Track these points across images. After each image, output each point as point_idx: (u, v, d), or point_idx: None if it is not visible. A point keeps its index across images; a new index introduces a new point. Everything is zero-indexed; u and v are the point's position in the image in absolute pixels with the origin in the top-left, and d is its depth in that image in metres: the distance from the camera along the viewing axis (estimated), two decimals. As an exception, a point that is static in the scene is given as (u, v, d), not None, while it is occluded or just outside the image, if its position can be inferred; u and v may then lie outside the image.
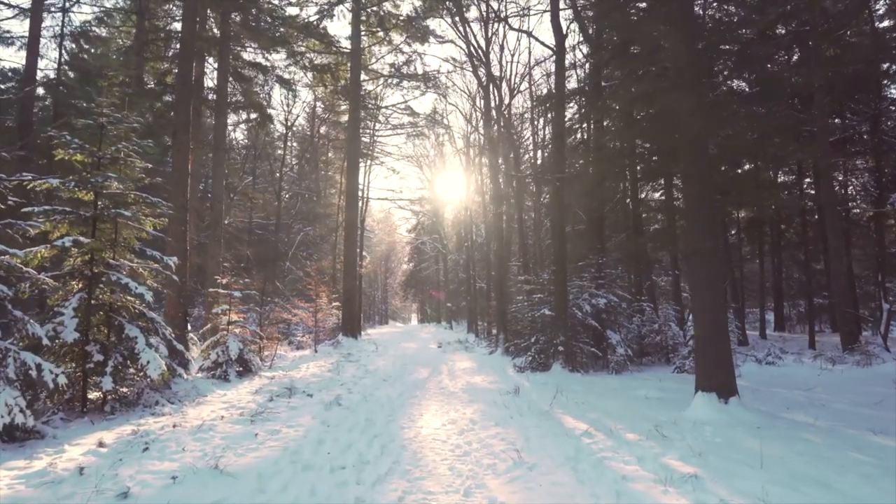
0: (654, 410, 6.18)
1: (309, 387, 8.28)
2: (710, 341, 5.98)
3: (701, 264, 6.08)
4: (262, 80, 22.06)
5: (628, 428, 5.10)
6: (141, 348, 6.42)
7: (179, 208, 9.04)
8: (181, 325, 8.80)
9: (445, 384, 8.87)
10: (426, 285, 43.26)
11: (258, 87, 22.10)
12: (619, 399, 7.22)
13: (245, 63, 20.94)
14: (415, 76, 21.61)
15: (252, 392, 7.91)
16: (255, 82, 21.66)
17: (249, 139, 30.38)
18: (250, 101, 21.36)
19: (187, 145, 9.20)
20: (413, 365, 12.21)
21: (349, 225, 18.51)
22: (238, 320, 10.15)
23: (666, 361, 12.62)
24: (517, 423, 5.23)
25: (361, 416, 5.74)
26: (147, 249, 7.05)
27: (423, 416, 5.86)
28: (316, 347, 15.78)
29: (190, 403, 6.93)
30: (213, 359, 9.29)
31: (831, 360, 11.43)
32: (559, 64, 10.57)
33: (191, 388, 7.87)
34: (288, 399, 7.10)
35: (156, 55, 17.27)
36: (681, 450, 4.29)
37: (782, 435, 4.90)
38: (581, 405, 6.54)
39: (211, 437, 4.82)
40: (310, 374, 10.22)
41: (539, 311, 11.42)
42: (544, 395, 7.30)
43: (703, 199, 6.15)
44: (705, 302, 6.05)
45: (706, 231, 6.10)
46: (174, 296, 8.77)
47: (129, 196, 6.99)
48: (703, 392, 5.89)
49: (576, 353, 10.97)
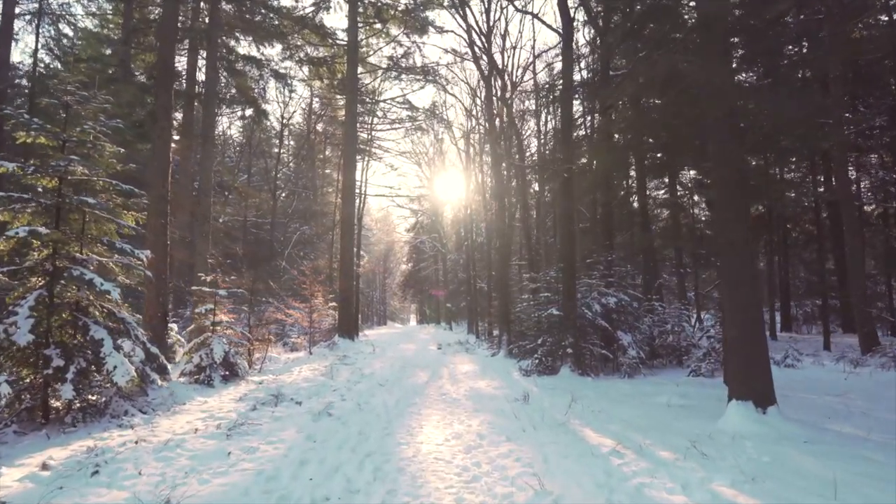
0: (682, 421, 5.52)
1: (298, 393, 7.61)
2: (744, 343, 5.33)
3: (733, 258, 5.44)
4: (257, 75, 21.39)
5: (659, 443, 4.44)
6: (107, 352, 5.75)
7: (159, 199, 8.37)
8: (160, 325, 8.13)
9: (447, 389, 8.20)
10: (425, 285, 42.56)
11: (252, 82, 21.43)
12: (638, 407, 6.56)
13: (239, 57, 20.27)
14: (414, 69, 20.96)
15: (236, 399, 7.24)
16: (249, 77, 21.02)
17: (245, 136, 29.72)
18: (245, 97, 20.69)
19: (169, 132, 8.53)
20: (412, 368, 11.54)
21: (346, 221, 17.84)
22: (224, 321, 9.47)
23: (678, 364, 11.98)
24: (532, 438, 4.56)
25: (353, 429, 5.07)
26: (117, 242, 6.36)
27: (424, 428, 5.19)
28: (311, 349, 15.11)
29: (164, 413, 6.26)
30: (196, 362, 8.61)
31: (853, 362, 10.82)
32: (566, 49, 9.92)
33: (168, 394, 7.19)
34: (273, 408, 6.42)
35: (145, 47, 16.56)
36: (729, 473, 3.63)
37: (837, 452, 4.25)
38: (598, 414, 5.88)
39: (177, 455, 4.14)
40: (301, 378, 9.55)
41: (546, 310, 10.76)
42: (557, 402, 6.64)
43: (735, 185, 5.50)
44: (739, 299, 5.40)
45: (738, 221, 5.46)
46: (153, 294, 8.10)
47: (96, 183, 6.31)
48: (738, 401, 5.24)
49: (585, 355, 10.32)
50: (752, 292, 5.40)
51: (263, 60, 21.00)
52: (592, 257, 12.24)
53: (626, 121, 9.58)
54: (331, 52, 21.54)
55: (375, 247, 47.07)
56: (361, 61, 20.80)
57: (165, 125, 8.47)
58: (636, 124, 9.33)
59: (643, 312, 12.04)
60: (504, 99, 14.15)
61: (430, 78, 20.51)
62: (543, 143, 18.41)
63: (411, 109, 22.12)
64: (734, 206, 5.45)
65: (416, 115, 22.09)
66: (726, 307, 5.52)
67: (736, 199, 5.47)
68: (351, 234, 18.23)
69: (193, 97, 16.12)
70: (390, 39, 20.71)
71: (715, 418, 5.54)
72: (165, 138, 8.47)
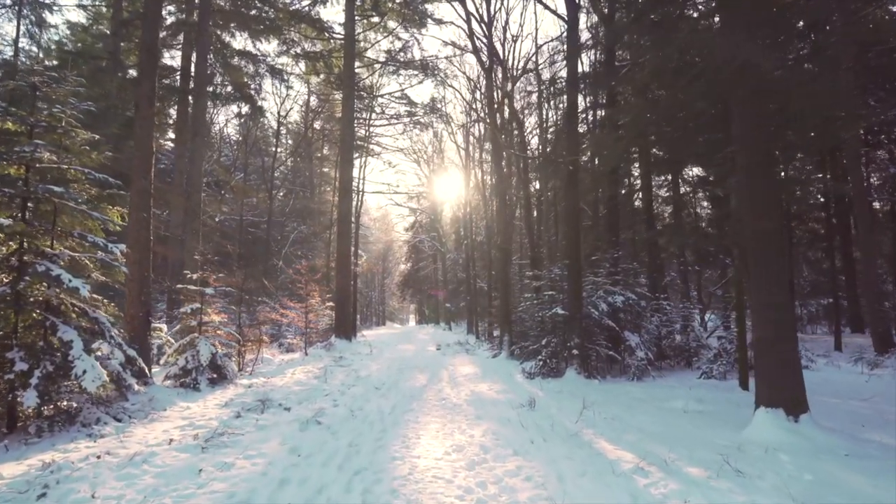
0: (704, 430, 5.05)
1: (288, 398, 7.13)
2: (774, 345, 4.85)
3: (760, 250, 4.96)
4: (253, 71, 20.93)
5: (686, 457, 3.96)
6: (76, 354, 5.27)
7: (142, 192, 7.88)
8: (142, 326, 7.63)
9: (447, 394, 7.72)
10: (424, 285, 42.05)
11: (248, 78, 20.96)
12: (653, 413, 6.09)
13: (234, 52, 19.82)
14: (412, 63, 20.47)
15: (221, 405, 6.76)
16: (245, 73, 20.56)
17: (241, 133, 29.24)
18: (240, 93, 20.23)
19: (151, 121, 8.05)
20: (410, 370, 11.05)
21: (342, 218, 17.35)
22: (213, 321, 8.99)
23: (686, 365, 11.52)
24: (542, 452, 4.08)
25: (344, 440, 4.58)
26: (89, 236, 5.88)
27: (421, 439, 4.70)
28: (306, 350, 14.63)
29: (141, 420, 5.78)
30: (182, 365, 8.13)
31: (869, 364, 10.36)
32: (571, 34, 9.44)
33: (149, 400, 6.72)
34: (259, 415, 5.94)
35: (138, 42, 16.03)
36: (772, 495, 3.16)
37: (886, 468, 3.78)
38: (612, 422, 5.40)
39: (141, 473, 3.66)
40: (293, 381, 9.07)
41: (549, 310, 10.28)
42: (565, 408, 6.16)
43: (762, 170, 5.03)
44: (767, 296, 4.92)
45: (766, 208, 4.98)
46: (134, 293, 7.61)
47: (67, 171, 5.83)
48: (767, 408, 4.76)
49: (591, 357, 9.84)
50: (782, 288, 4.93)
51: (259, 56, 20.56)
52: (597, 254, 11.77)
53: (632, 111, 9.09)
54: (327, 47, 21.09)
55: (374, 246, 46.57)
56: (359, 56, 20.32)
57: (148, 114, 7.99)
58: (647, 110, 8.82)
59: (651, 312, 11.57)
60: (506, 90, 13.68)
61: (429, 72, 20.02)
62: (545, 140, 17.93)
63: (410, 105, 21.63)
64: (762, 193, 4.98)
65: (414, 111, 21.59)
66: (753, 305, 5.05)
67: (764, 185, 5.00)
68: (348, 231, 17.74)
69: (188, 93, 15.65)
70: (388, 33, 20.24)
71: (739, 426, 5.07)
72: (148, 128, 7.99)
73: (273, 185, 28.03)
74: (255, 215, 27.62)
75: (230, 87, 20.68)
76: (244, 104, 22.32)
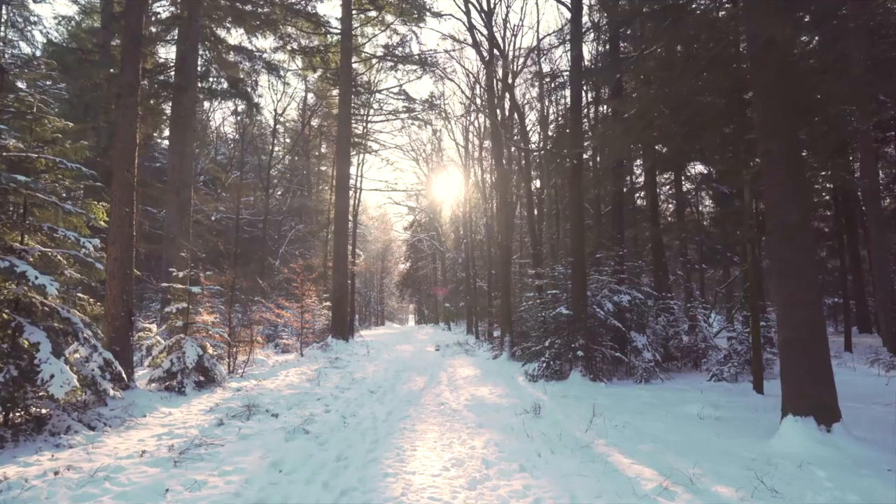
0: (725, 439, 4.64)
1: (277, 403, 6.71)
2: (802, 347, 4.44)
3: (786, 244, 4.56)
4: (249, 67, 20.52)
5: (712, 473, 3.55)
6: (43, 358, 4.84)
7: (124, 186, 7.45)
8: (124, 326, 7.21)
9: (445, 398, 7.31)
10: (423, 285, 41.64)
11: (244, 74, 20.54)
12: (666, 420, 5.68)
13: (229, 47, 19.42)
14: (410, 58, 20.05)
15: (205, 410, 6.35)
16: (240, 68, 20.15)
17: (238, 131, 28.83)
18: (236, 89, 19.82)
19: (134, 110, 7.63)
20: (408, 372, 10.64)
21: (339, 215, 16.92)
22: (201, 322, 8.58)
23: (694, 367, 11.14)
24: (551, 467, 3.67)
25: (332, 452, 4.17)
26: (59, 229, 5.46)
27: (417, 451, 4.29)
28: (302, 351, 14.24)
29: (116, 428, 5.36)
30: (167, 367, 7.72)
31: (886, 365, 9.96)
32: (575, 22, 9.04)
33: (129, 405, 6.30)
34: (244, 422, 5.53)
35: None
36: (818, 522, 2.75)
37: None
38: (624, 431, 4.99)
39: (101, 493, 3.25)
40: (285, 384, 8.66)
41: (553, 309, 9.87)
42: (572, 414, 5.75)
43: (787, 156, 4.62)
44: (793, 294, 4.51)
45: (792, 198, 4.57)
46: (116, 291, 7.18)
47: (37, 161, 5.41)
48: (796, 416, 4.36)
49: (597, 358, 9.44)
50: (811, 285, 4.52)
51: (255, 51, 20.15)
52: (602, 252, 11.36)
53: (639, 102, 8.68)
54: (324, 42, 20.68)
55: (372, 245, 46.17)
56: (356, 51, 19.91)
57: (130, 102, 7.57)
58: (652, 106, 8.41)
59: (658, 311, 11.17)
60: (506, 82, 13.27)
61: (427, 68, 19.60)
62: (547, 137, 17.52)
63: (408, 101, 21.20)
64: (788, 182, 4.57)
65: (413, 106, 21.16)
66: (778, 303, 4.64)
67: (789, 174, 4.59)
68: (345, 229, 17.31)
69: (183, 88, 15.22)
70: (385, 27, 19.83)
71: (764, 435, 4.66)
72: (131, 117, 7.57)
73: (270, 184, 27.63)
74: (253, 214, 27.22)
75: (226, 84, 20.28)
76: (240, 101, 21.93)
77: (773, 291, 4.71)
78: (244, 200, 26.42)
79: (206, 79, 19.37)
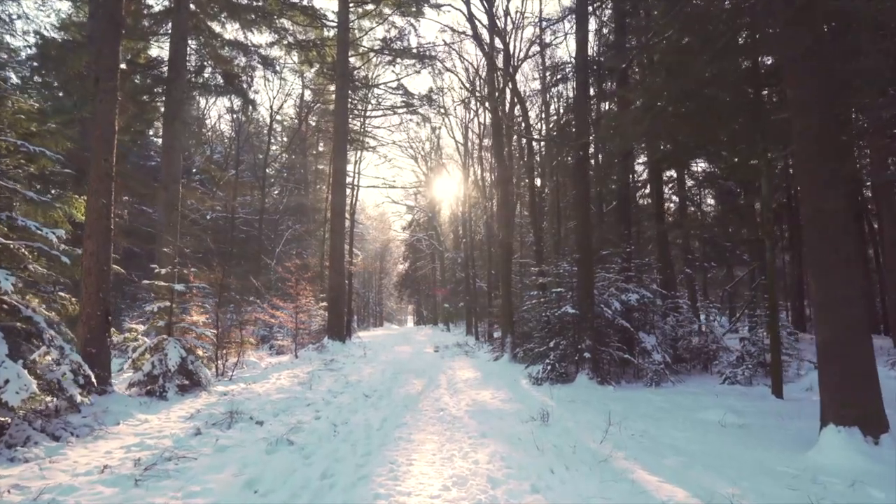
0: (756, 451, 4.17)
1: (264, 409, 6.23)
2: (844, 349, 3.98)
3: (826, 233, 4.09)
4: (245, 62, 20.04)
5: (753, 495, 3.08)
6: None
7: (102, 176, 6.97)
8: (101, 326, 6.72)
9: (445, 402, 6.84)
10: (422, 285, 41.14)
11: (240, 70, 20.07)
12: (686, 428, 5.21)
13: (224, 42, 18.95)
14: (409, 52, 19.58)
15: (185, 417, 5.87)
16: (236, 64, 19.69)
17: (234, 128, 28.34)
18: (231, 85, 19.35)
19: (113, 95, 7.15)
20: (405, 374, 10.16)
21: (336, 212, 16.44)
22: (184, 323, 8.09)
23: (703, 369, 10.67)
24: (569, 487, 3.19)
25: (317, 468, 3.69)
26: (19, 218, 4.98)
27: (414, 465, 3.81)
28: (296, 352, 13.77)
29: (83, 439, 4.88)
30: (147, 370, 7.23)
31: (905, 367, 9.49)
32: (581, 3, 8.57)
33: (102, 412, 5.82)
34: (224, 430, 5.04)
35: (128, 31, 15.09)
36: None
37: None
38: (642, 441, 4.52)
39: (41, 521, 2.76)
40: (276, 387, 8.18)
41: (557, 309, 9.39)
42: (583, 422, 5.28)
43: (824, 135, 4.16)
44: (833, 289, 4.05)
45: (830, 183, 4.11)
46: (92, 288, 6.69)
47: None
48: (838, 426, 3.89)
49: (604, 360, 8.97)
50: (852, 279, 4.06)
51: (251, 46, 19.67)
52: (609, 249, 10.90)
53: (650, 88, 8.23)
54: (320, 36, 20.23)
55: (371, 245, 45.71)
56: (353, 45, 19.45)
57: (109, 87, 7.09)
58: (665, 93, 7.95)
59: (666, 311, 10.71)
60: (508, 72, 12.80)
61: (426, 61, 19.13)
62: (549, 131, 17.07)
63: (406, 95, 20.73)
64: (826, 165, 4.11)
65: (411, 101, 20.69)
66: (816, 301, 4.17)
67: (827, 155, 4.13)
68: (342, 226, 16.83)
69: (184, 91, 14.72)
70: (383, 20, 19.37)
71: (797, 446, 4.20)
72: (109, 102, 7.09)
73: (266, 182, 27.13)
74: (249, 213, 26.73)
75: (221, 80, 19.82)
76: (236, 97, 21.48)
77: (810, 288, 4.24)
78: (241, 199, 25.95)
79: (200, 74, 18.92)
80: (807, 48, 4.24)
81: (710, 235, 14.08)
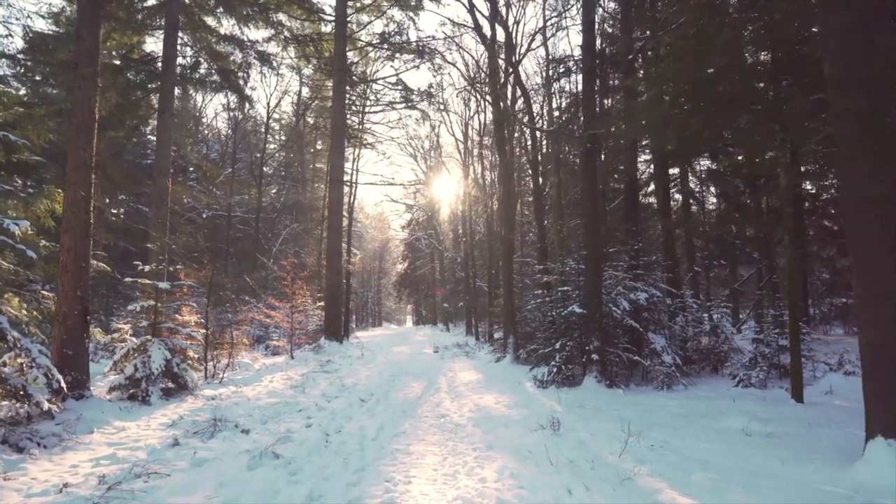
0: (793, 466, 3.76)
1: (252, 415, 5.80)
2: (894, 351, 3.56)
3: (870, 223, 3.68)
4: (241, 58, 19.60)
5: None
6: (-49, 365, 3.94)
7: (80, 166, 6.54)
8: (78, 327, 6.29)
9: (446, 408, 6.42)
10: (421, 285, 40.69)
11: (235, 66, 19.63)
12: (708, 437, 4.80)
13: (220, 37, 18.51)
14: (408, 47, 19.15)
15: (167, 424, 5.43)
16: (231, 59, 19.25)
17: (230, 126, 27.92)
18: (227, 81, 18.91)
19: (93, 81, 6.73)
20: (404, 376, 9.74)
21: (333, 209, 16.02)
22: (169, 323, 7.65)
23: (713, 371, 10.26)
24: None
25: (304, 487, 3.27)
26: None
27: (412, 484, 3.39)
28: (292, 353, 13.34)
29: (51, 450, 4.44)
30: (129, 374, 6.78)
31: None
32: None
33: (76, 419, 5.38)
34: (205, 441, 4.62)
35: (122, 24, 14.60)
36: None
37: None
38: (664, 453, 4.11)
39: (-29, 558, 2.34)
40: (267, 391, 7.74)
41: (564, 308, 8.98)
42: (597, 430, 4.86)
43: (871, 114, 3.75)
44: (881, 285, 3.64)
45: (879, 167, 3.70)
46: (69, 286, 6.26)
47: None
48: (888, 439, 3.47)
49: (613, 362, 8.56)
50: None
51: (247, 41, 19.25)
52: (616, 246, 10.49)
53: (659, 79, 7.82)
54: (317, 30, 19.81)
55: (369, 244, 45.31)
56: (351, 40, 19.02)
57: (89, 72, 6.66)
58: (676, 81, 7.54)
59: (674, 310, 10.30)
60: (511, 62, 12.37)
61: (426, 56, 18.70)
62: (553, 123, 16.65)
63: (405, 91, 20.30)
64: (874, 148, 3.69)
65: (410, 97, 20.26)
66: (860, 298, 3.76)
67: (874, 137, 3.72)
68: (339, 224, 16.39)
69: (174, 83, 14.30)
70: (381, 14, 18.95)
71: (837, 459, 3.79)
72: (89, 89, 6.67)
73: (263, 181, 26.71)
74: (246, 212, 26.31)
75: (216, 76, 19.39)
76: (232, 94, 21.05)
77: (854, 284, 3.83)
78: (238, 198, 25.53)
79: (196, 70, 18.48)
80: (849, 20, 3.83)
81: (717, 233, 13.67)
